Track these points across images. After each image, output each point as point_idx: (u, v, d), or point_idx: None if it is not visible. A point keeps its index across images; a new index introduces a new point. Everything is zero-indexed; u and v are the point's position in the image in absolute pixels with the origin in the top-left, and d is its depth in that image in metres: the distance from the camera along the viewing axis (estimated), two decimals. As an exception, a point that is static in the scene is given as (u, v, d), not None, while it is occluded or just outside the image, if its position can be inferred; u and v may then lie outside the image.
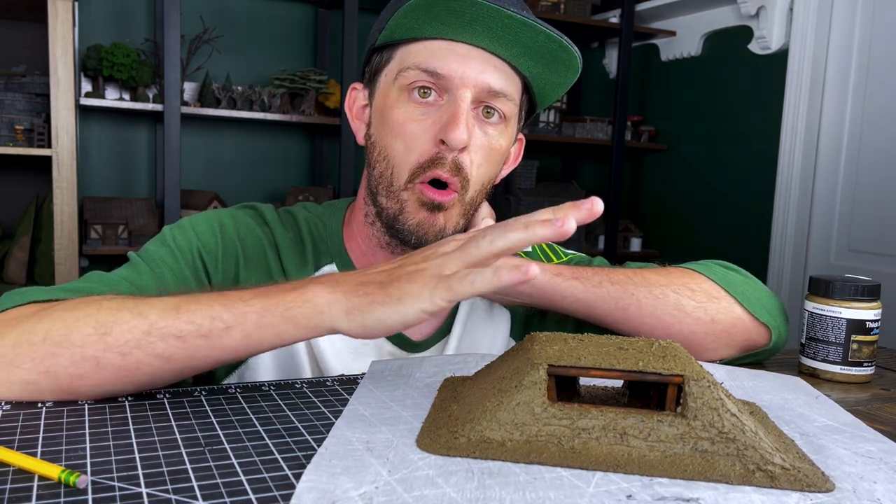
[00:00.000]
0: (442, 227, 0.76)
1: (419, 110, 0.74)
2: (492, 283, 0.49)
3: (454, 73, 0.72)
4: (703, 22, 2.88)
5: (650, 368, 0.49)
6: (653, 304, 0.77)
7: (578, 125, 3.01)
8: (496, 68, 0.73)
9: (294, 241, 0.81)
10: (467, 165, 0.74)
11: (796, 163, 2.49)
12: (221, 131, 2.71)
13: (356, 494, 0.42)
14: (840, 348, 0.77)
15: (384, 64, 0.77)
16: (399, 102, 0.74)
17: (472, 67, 0.72)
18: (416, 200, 0.75)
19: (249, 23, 2.69)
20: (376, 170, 0.77)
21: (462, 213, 0.77)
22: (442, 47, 0.72)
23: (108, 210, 2.38)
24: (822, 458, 0.51)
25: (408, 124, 0.74)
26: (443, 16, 0.70)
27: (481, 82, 0.73)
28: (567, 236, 0.49)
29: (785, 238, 2.53)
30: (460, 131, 0.71)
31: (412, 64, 0.73)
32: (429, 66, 0.72)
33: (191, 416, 0.55)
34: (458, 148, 0.73)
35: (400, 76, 0.74)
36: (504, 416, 0.49)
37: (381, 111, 0.77)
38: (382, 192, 0.77)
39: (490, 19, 0.69)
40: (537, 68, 0.75)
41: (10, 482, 0.43)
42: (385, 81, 0.77)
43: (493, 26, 0.70)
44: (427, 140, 0.73)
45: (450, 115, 0.72)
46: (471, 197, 0.77)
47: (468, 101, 0.73)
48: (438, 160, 0.73)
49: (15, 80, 2.18)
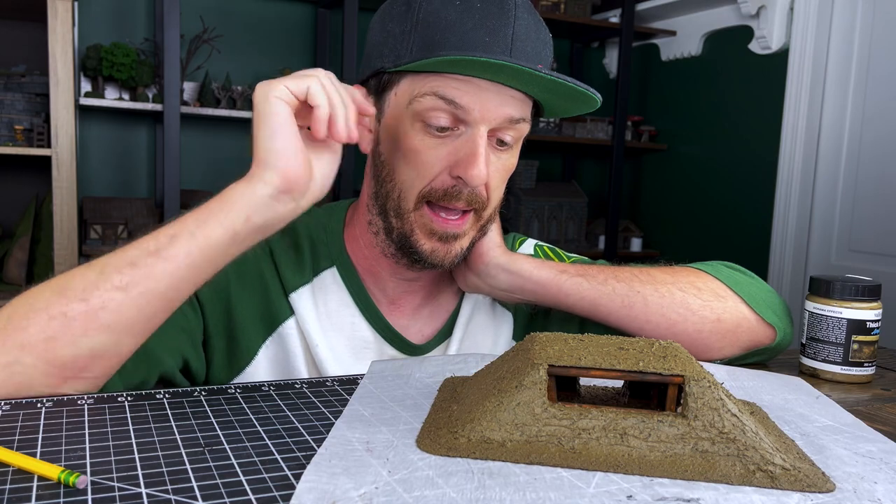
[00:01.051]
0: (458, 252, 0.76)
1: (434, 141, 0.71)
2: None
3: (473, 106, 0.69)
4: (704, 22, 2.88)
5: (650, 368, 0.49)
6: (659, 301, 0.77)
7: (578, 125, 3.01)
8: (513, 98, 0.71)
9: (291, 248, 0.80)
10: (484, 194, 0.74)
11: (796, 163, 2.49)
12: (221, 131, 2.71)
13: (356, 495, 0.42)
14: (840, 348, 0.77)
15: (393, 83, 0.73)
16: (413, 131, 0.71)
17: (491, 101, 0.69)
18: (426, 227, 0.74)
19: (249, 23, 2.69)
20: (384, 188, 0.76)
21: (478, 229, 0.77)
22: (459, 78, 0.69)
23: (107, 210, 2.38)
24: (823, 458, 0.51)
25: (422, 153, 0.72)
26: (473, 68, 0.67)
27: (501, 115, 0.70)
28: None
29: (785, 238, 2.53)
30: (479, 169, 0.69)
31: (428, 90, 0.70)
32: (447, 94, 0.69)
33: (190, 417, 0.55)
34: (478, 185, 0.72)
35: (415, 102, 0.71)
36: (504, 416, 0.49)
37: (392, 133, 0.74)
38: (392, 213, 0.75)
39: (516, 72, 0.66)
40: (555, 101, 0.73)
41: (10, 482, 0.43)
42: (396, 102, 0.73)
43: (519, 75, 0.67)
44: (441, 170, 0.72)
45: (467, 152, 0.70)
46: (488, 213, 0.77)
47: (485, 136, 0.71)
48: (454, 193, 0.72)
49: (15, 79, 2.18)
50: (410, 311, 0.84)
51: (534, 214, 2.93)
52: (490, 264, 0.78)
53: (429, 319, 0.85)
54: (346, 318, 0.80)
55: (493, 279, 0.79)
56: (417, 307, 0.84)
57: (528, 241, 0.92)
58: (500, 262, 0.78)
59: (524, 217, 2.91)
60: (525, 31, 0.71)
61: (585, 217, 3.08)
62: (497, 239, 0.80)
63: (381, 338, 0.81)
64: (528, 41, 0.71)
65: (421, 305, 0.84)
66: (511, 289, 0.79)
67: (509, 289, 0.79)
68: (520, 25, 0.71)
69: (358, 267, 0.82)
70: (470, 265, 0.80)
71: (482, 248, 0.79)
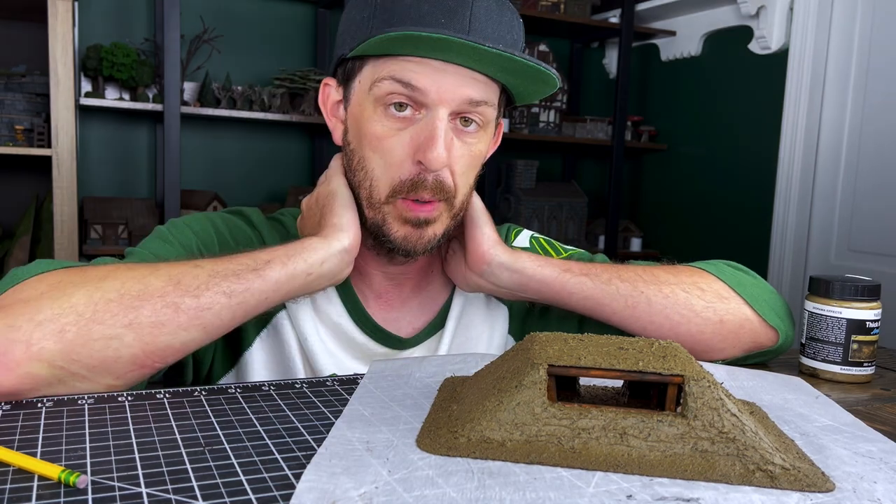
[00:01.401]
0: (431, 237, 0.76)
1: (396, 125, 0.72)
2: None
3: (429, 88, 0.70)
4: (703, 22, 2.88)
5: (650, 368, 0.49)
6: (662, 302, 0.77)
7: (578, 125, 3.01)
8: (475, 80, 0.71)
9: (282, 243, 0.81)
10: (449, 180, 0.74)
11: (796, 163, 2.49)
12: (221, 131, 2.71)
13: (356, 494, 0.42)
14: (840, 348, 0.77)
15: (357, 70, 0.75)
16: (375, 115, 0.73)
17: (448, 82, 0.70)
18: (399, 216, 0.74)
19: (249, 23, 2.69)
20: (356, 177, 0.76)
21: (451, 216, 0.77)
22: (416, 61, 0.70)
23: (108, 210, 2.38)
24: (823, 458, 0.51)
25: (385, 139, 0.72)
26: (418, 43, 0.68)
27: (459, 96, 0.71)
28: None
29: (785, 238, 2.53)
30: (438, 151, 0.70)
31: (386, 74, 0.71)
32: (403, 77, 0.70)
33: (191, 416, 0.55)
34: (438, 169, 0.72)
35: (374, 87, 0.72)
36: (504, 416, 0.49)
37: (357, 120, 0.75)
38: (364, 203, 0.76)
39: (467, 49, 0.67)
40: (514, 80, 0.74)
41: (10, 482, 0.43)
42: (359, 89, 0.75)
43: (469, 53, 0.68)
44: (405, 157, 0.72)
45: (426, 135, 0.71)
46: (459, 201, 0.76)
47: (445, 119, 0.71)
48: (420, 182, 0.72)
49: (15, 80, 2.18)
50: (399, 304, 0.84)
51: (534, 214, 2.94)
52: (492, 263, 0.78)
53: (418, 312, 0.85)
54: (333, 315, 0.81)
55: (496, 278, 0.79)
56: (406, 299, 0.85)
57: (524, 233, 0.91)
58: (503, 260, 0.78)
59: (524, 217, 2.91)
60: (485, 12, 0.71)
61: (585, 217, 3.08)
62: (494, 236, 0.79)
63: (368, 337, 0.81)
64: (490, 23, 0.71)
65: (409, 297, 0.85)
66: (514, 287, 0.79)
67: (512, 287, 0.79)
68: (479, 7, 0.71)
69: None
70: (470, 265, 0.80)
71: (482, 248, 0.78)
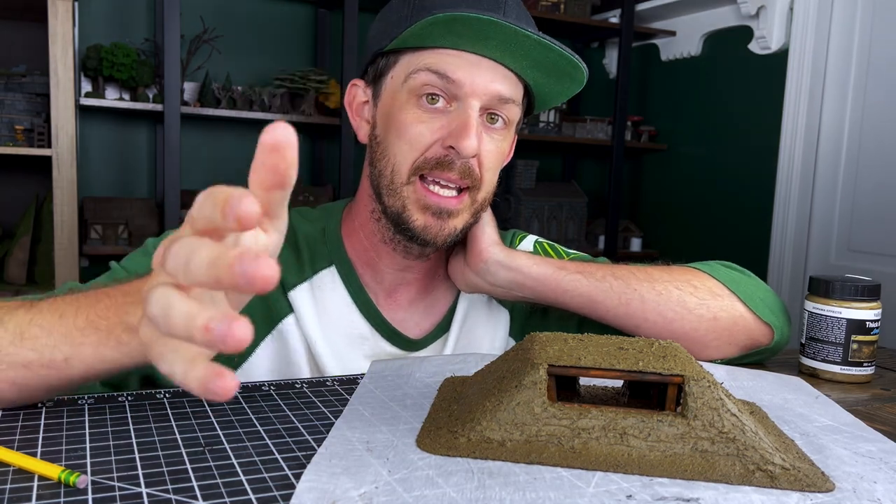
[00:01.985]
0: (451, 230, 0.77)
1: (427, 115, 0.74)
2: (179, 379, 0.38)
3: (465, 80, 0.72)
4: (703, 22, 2.88)
5: (650, 368, 0.49)
6: (656, 300, 0.77)
7: (578, 125, 3.01)
8: (505, 77, 0.74)
9: (288, 249, 0.81)
10: (476, 169, 0.75)
11: (796, 163, 2.49)
12: (221, 131, 2.71)
13: (356, 494, 0.42)
14: (840, 348, 0.77)
15: (390, 66, 0.77)
16: (408, 105, 0.74)
17: (482, 76, 0.73)
18: (419, 201, 0.75)
19: (249, 23, 2.69)
20: (377, 167, 0.77)
21: (472, 212, 0.78)
22: (452, 54, 0.73)
23: (108, 210, 2.38)
24: (823, 458, 0.51)
25: (414, 125, 0.74)
26: (460, 30, 0.70)
27: (491, 91, 0.73)
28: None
29: (785, 238, 2.53)
30: (471, 140, 0.72)
31: (422, 66, 0.73)
32: (440, 68, 0.72)
33: (191, 416, 0.55)
34: (469, 156, 0.73)
35: (410, 79, 0.74)
36: (504, 416, 0.49)
37: (387, 113, 0.77)
38: (385, 190, 0.77)
39: (506, 36, 0.70)
40: (542, 78, 0.77)
41: (10, 482, 0.43)
42: (392, 84, 0.76)
43: (509, 41, 0.71)
44: (433, 140, 0.74)
45: (460, 123, 0.72)
46: (483, 196, 0.78)
47: (477, 109, 0.73)
48: (447, 163, 0.73)
49: (15, 80, 2.18)
50: (407, 304, 0.84)
51: (534, 214, 2.94)
52: (489, 261, 0.79)
53: (425, 314, 0.85)
54: (345, 314, 0.81)
55: (492, 276, 0.79)
56: (413, 300, 0.85)
57: (529, 238, 0.92)
58: (499, 258, 0.79)
59: (524, 217, 2.91)
60: (517, 5, 0.76)
61: (585, 217, 3.08)
62: (494, 236, 0.80)
63: (378, 334, 0.82)
64: (522, 15, 0.76)
65: (417, 299, 0.85)
66: (510, 285, 0.80)
67: (508, 286, 0.80)
68: (511, 3, 0.75)
69: (356, 262, 0.83)
70: (469, 264, 0.80)
71: (480, 246, 0.79)
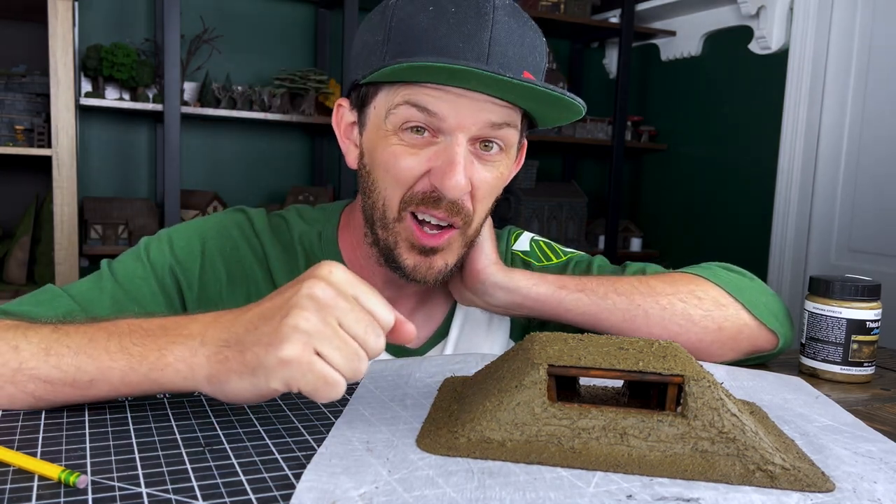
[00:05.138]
0: (441, 268, 0.74)
1: (412, 148, 0.69)
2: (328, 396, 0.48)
3: (448, 114, 0.67)
4: (704, 22, 2.88)
5: (650, 368, 0.49)
6: (660, 314, 0.76)
7: (578, 125, 3.01)
8: (494, 103, 0.68)
9: (284, 252, 0.80)
10: (468, 204, 0.71)
11: (796, 163, 2.48)
12: (221, 131, 2.71)
13: (356, 494, 0.42)
14: (840, 348, 0.77)
15: (371, 97, 0.72)
16: (393, 138, 0.70)
17: (467, 107, 0.67)
18: (408, 239, 0.72)
19: (249, 23, 2.69)
20: (370, 199, 0.74)
21: (464, 244, 0.75)
22: (432, 86, 0.67)
23: (108, 210, 2.38)
24: (823, 458, 0.51)
25: (401, 158, 0.70)
26: (436, 73, 0.64)
27: (480, 121, 0.68)
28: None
29: (785, 238, 2.53)
30: (457, 178, 0.67)
31: (401, 99, 0.68)
32: (420, 101, 0.67)
33: (191, 416, 0.55)
34: (456, 198, 0.69)
35: (390, 115, 0.69)
36: (504, 416, 0.49)
37: (372, 146, 0.73)
38: (378, 223, 0.74)
39: (488, 79, 0.63)
40: (537, 107, 0.71)
41: (10, 482, 0.43)
42: (374, 116, 0.72)
43: (490, 84, 0.65)
44: (420, 173, 0.70)
45: (445, 160, 0.68)
46: (474, 228, 0.74)
47: (464, 144, 0.68)
48: (433, 199, 0.69)
49: (15, 80, 2.18)
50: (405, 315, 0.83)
51: (534, 214, 2.94)
52: (486, 283, 0.77)
53: (423, 324, 0.84)
54: None
55: (489, 297, 0.78)
56: (411, 311, 0.84)
57: (524, 235, 0.90)
58: (497, 280, 0.76)
59: (524, 217, 2.91)
60: (506, 35, 0.67)
61: (585, 217, 3.08)
62: (493, 255, 0.78)
63: None
64: (510, 45, 0.68)
65: (415, 310, 0.84)
66: (509, 306, 0.78)
67: (507, 306, 0.78)
68: (499, 30, 0.67)
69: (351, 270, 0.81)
70: (465, 282, 0.79)
71: (477, 266, 0.77)
